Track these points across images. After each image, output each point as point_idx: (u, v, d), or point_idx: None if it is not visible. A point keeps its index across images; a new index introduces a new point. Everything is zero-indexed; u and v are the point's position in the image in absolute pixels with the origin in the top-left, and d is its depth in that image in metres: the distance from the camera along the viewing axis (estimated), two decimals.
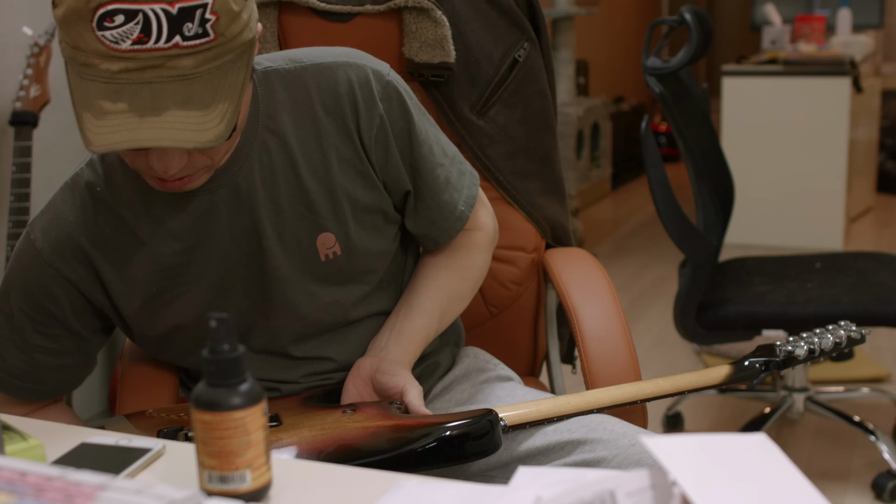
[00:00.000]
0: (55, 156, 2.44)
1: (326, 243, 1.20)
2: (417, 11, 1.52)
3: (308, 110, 1.18)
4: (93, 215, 1.18)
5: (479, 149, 1.60)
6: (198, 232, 1.17)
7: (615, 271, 4.17)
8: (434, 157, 1.25)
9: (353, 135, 1.18)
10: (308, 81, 1.18)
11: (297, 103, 1.18)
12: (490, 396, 1.31)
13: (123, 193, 1.17)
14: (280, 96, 1.18)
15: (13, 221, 2.16)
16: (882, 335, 3.29)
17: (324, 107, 1.18)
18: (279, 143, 1.17)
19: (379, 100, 1.19)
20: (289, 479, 0.89)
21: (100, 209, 1.18)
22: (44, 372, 1.24)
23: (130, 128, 0.97)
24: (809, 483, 0.72)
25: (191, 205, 1.16)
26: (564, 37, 4.62)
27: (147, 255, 1.18)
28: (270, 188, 1.17)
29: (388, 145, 1.20)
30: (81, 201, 1.18)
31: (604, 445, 1.16)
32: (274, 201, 1.17)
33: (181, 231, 1.17)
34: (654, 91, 2.30)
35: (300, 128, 1.18)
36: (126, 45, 0.96)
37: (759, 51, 5.03)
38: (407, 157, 1.23)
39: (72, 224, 1.18)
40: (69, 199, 1.19)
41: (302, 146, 1.18)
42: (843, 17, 4.56)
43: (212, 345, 0.83)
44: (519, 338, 1.69)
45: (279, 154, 1.17)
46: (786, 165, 4.36)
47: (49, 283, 1.19)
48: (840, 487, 2.35)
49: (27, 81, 2.18)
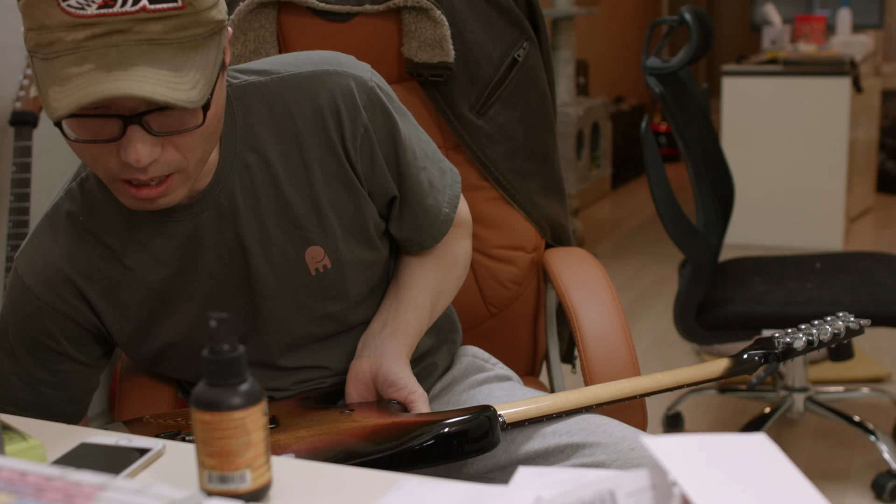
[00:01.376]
0: (55, 156, 2.43)
1: (315, 257, 1.18)
2: (416, 11, 1.52)
3: (288, 124, 1.15)
4: (77, 246, 1.16)
5: (479, 148, 1.60)
6: (184, 256, 1.16)
7: (615, 271, 4.17)
8: (417, 162, 1.23)
9: (337, 146, 1.16)
10: (286, 95, 1.15)
11: (277, 117, 1.15)
12: (489, 396, 1.31)
13: (106, 221, 1.15)
14: (258, 111, 1.15)
15: (13, 221, 2.16)
16: (882, 335, 3.29)
17: (304, 120, 1.15)
18: (259, 159, 1.15)
19: (363, 109, 1.16)
20: (289, 479, 0.89)
21: (84, 239, 1.16)
22: (53, 405, 1.23)
23: (97, 82, 0.94)
24: (809, 483, 0.72)
25: (175, 230, 1.15)
26: (564, 37, 4.62)
27: (135, 281, 1.16)
28: (253, 206, 1.15)
29: (373, 154, 1.18)
30: (65, 232, 1.16)
31: (603, 449, 1.16)
32: (258, 218, 1.16)
33: (167, 256, 1.16)
34: (654, 91, 2.30)
35: (281, 142, 1.15)
36: (92, 9, 0.93)
37: (759, 51, 5.03)
38: (392, 164, 1.21)
39: (57, 256, 1.16)
40: (51, 231, 1.17)
41: (283, 160, 1.15)
42: (843, 17, 4.56)
43: (212, 345, 0.83)
44: (518, 338, 1.69)
45: (260, 170, 1.15)
46: (786, 165, 4.36)
47: (43, 319, 1.17)
48: (840, 487, 2.35)
49: (27, 81, 2.18)
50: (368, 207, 1.21)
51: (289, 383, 1.26)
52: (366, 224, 1.21)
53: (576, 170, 4.74)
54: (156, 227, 1.15)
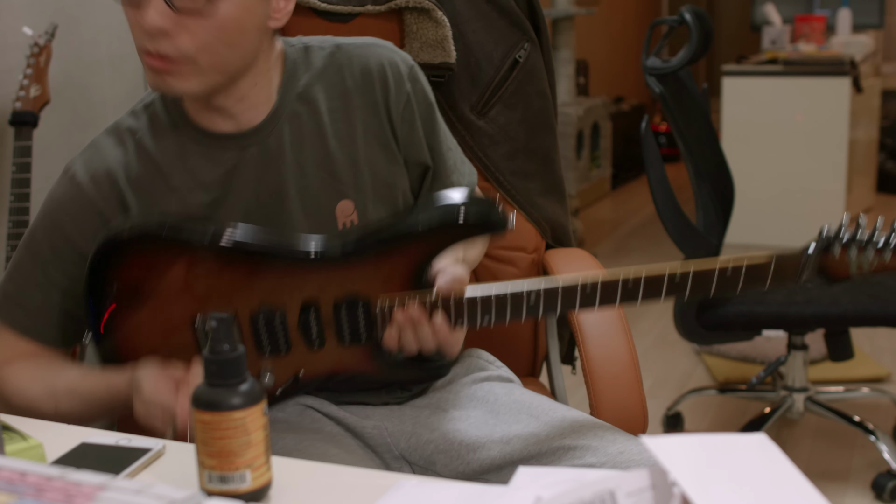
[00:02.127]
0: (55, 156, 2.44)
1: (345, 211, 1.25)
2: (418, 12, 1.52)
3: (340, 84, 1.26)
4: (133, 156, 1.23)
5: (480, 149, 1.60)
6: (225, 185, 1.22)
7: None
8: (447, 142, 1.35)
9: (381, 109, 1.26)
10: (342, 59, 1.27)
11: (330, 77, 1.26)
12: (489, 393, 1.31)
13: (162, 142, 1.23)
14: (316, 70, 1.26)
15: (13, 221, 2.16)
16: (882, 335, 3.29)
17: (354, 82, 1.26)
18: (310, 111, 1.24)
19: (406, 79, 1.27)
20: (289, 479, 0.89)
21: (139, 153, 1.23)
22: (55, 313, 1.26)
23: None
24: (809, 483, 0.72)
25: (221, 157, 1.22)
26: (564, 37, 4.62)
27: (176, 201, 1.22)
28: (298, 152, 1.23)
29: (413, 122, 1.28)
30: (122, 144, 1.24)
31: (593, 452, 1.16)
32: (300, 165, 1.23)
33: (210, 182, 1.22)
34: (654, 91, 2.30)
35: (331, 99, 1.25)
36: None
37: (759, 51, 5.03)
38: (428, 137, 1.31)
39: (111, 160, 1.23)
40: (110, 141, 1.25)
41: (331, 116, 1.25)
42: (843, 17, 4.56)
43: (212, 345, 0.83)
44: (519, 338, 1.69)
45: (309, 121, 1.24)
46: (786, 165, 4.36)
47: (79, 213, 1.23)
48: (840, 487, 2.35)
49: (27, 81, 2.18)
50: (401, 174, 1.29)
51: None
52: (395, 189, 1.29)
53: (576, 170, 4.74)
54: (204, 152, 1.23)
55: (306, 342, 1.19)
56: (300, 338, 1.18)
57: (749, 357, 3.13)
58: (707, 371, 3.13)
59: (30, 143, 2.16)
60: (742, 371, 3.05)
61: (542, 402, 1.27)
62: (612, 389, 1.36)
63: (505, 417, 1.24)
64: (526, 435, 1.21)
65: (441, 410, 1.28)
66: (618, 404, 1.33)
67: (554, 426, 1.21)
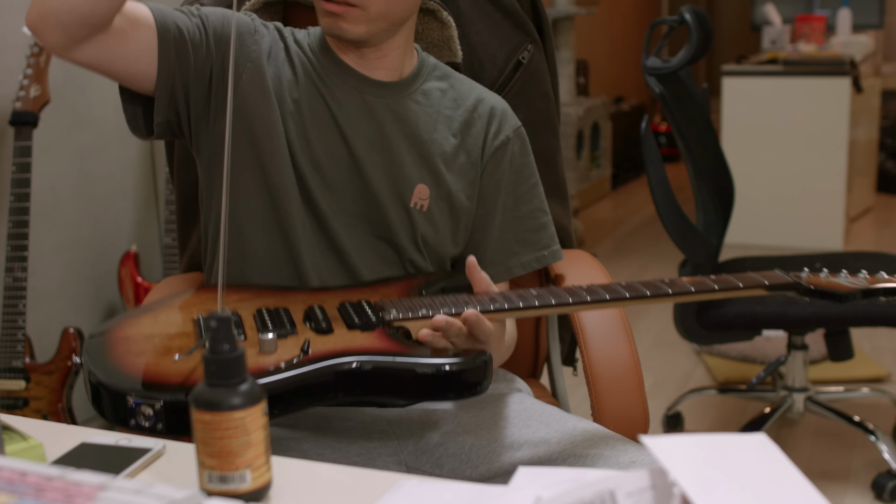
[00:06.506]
0: (55, 156, 2.43)
1: (421, 194, 1.32)
2: (424, 12, 1.52)
3: (462, 106, 1.37)
4: (277, 41, 1.33)
5: None
6: (346, 113, 1.30)
7: (615, 271, 4.18)
8: (534, 213, 1.40)
9: (479, 147, 1.36)
10: (460, 88, 1.39)
11: (450, 93, 1.37)
12: (499, 401, 1.31)
13: (303, 52, 1.33)
14: (439, 77, 1.38)
15: (13, 221, 2.16)
16: (882, 335, 3.30)
17: (466, 110, 1.36)
18: (429, 104, 1.35)
19: (511, 129, 1.38)
20: (289, 479, 0.89)
21: (284, 41, 1.33)
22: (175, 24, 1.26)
23: None
24: (809, 483, 0.72)
25: (353, 91, 1.31)
26: (564, 37, 4.62)
27: (286, 94, 1.29)
28: (408, 126, 1.32)
29: (499, 164, 1.36)
30: (279, 33, 1.34)
31: (604, 461, 1.15)
32: (406, 136, 1.32)
33: (338, 103, 1.30)
34: (654, 91, 2.30)
35: (448, 109, 1.36)
36: None
37: (759, 51, 5.04)
38: (504, 193, 1.37)
39: (268, 26, 1.34)
40: (264, 18, 1.37)
41: (443, 122, 1.35)
42: (843, 17, 4.56)
43: (212, 345, 0.83)
44: (520, 340, 1.69)
45: (435, 103, 1.35)
46: (786, 165, 4.36)
47: (223, 25, 1.28)
48: (840, 487, 2.35)
49: (27, 81, 2.18)
50: (469, 207, 1.36)
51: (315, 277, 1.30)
52: (458, 218, 1.35)
53: (576, 170, 4.74)
54: (340, 85, 1.31)
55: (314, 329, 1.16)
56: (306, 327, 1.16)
57: (749, 357, 3.13)
58: (707, 371, 3.13)
59: (30, 143, 2.16)
60: (742, 371, 3.05)
61: (553, 412, 1.27)
62: (613, 391, 1.36)
63: (515, 424, 1.24)
64: (536, 441, 1.21)
65: (450, 415, 1.28)
66: (619, 406, 1.33)
67: (564, 434, 1.21)
